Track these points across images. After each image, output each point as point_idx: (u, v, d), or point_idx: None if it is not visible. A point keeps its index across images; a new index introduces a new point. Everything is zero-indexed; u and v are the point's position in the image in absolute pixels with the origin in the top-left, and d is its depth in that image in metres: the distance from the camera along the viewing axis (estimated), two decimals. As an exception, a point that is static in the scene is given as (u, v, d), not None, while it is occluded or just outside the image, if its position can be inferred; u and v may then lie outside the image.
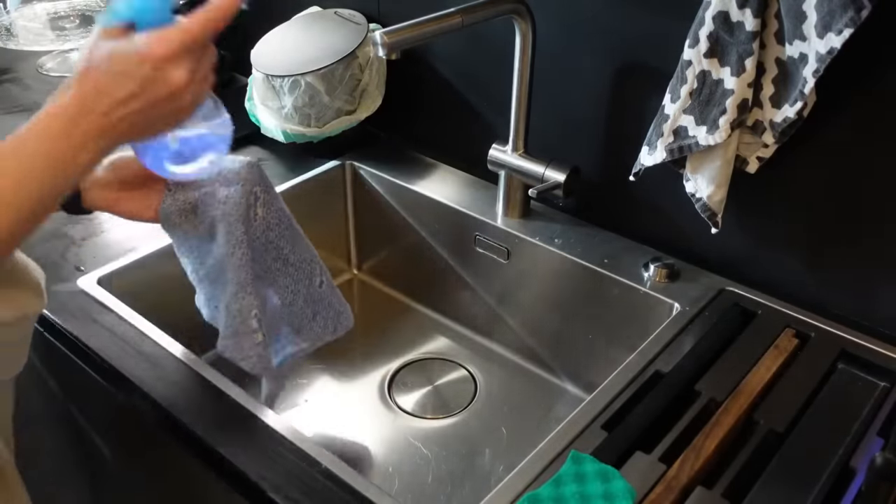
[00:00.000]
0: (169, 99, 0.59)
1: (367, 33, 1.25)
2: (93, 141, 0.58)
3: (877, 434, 0.81)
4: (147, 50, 0.57)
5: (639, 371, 0.88)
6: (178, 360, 0.89)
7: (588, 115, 1.10)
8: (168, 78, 0.58)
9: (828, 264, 0.97)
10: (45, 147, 0.57)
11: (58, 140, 0.57)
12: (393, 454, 1.03)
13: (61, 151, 0.57)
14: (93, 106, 0.57)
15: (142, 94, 0.58)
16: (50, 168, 0.57)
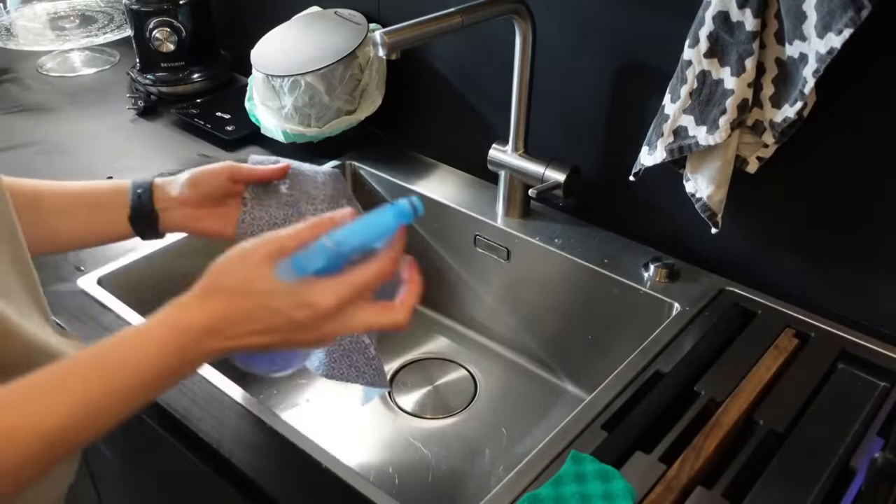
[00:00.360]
0: (305, 343, 0.57)
1: (367, 33, 1.25)
2: (205, 360, 0.56)
3: (877, 434, 0.81)
4: (314, 299, 0.54)
5: (639, 371, 0.88)
6: (178, 360, 0.89)
7: (588, 115, 1.10)
8: (320, 327, 0.55)
9: (828, 264, 0.97)
10: (153, 363, 0.54)
11: (170, 356, 0.54)
12: (393, 454, 1.03)
13: (170, 367, 0.54)
14: (225, 329, 0.54)
15: (285, 333, 0.55)
16: (149, 384, 0.54)
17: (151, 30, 1.41)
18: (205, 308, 0.55)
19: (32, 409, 0.49)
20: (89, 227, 0.78)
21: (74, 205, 0.77)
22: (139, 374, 0.54)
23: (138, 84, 1.47)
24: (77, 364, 0.53)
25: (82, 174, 1.25)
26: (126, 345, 0.54)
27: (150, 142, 1.37)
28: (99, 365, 0.53)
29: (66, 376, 0.52)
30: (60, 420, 0.50)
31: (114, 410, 0.53)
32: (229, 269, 0.56)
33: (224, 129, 1.36)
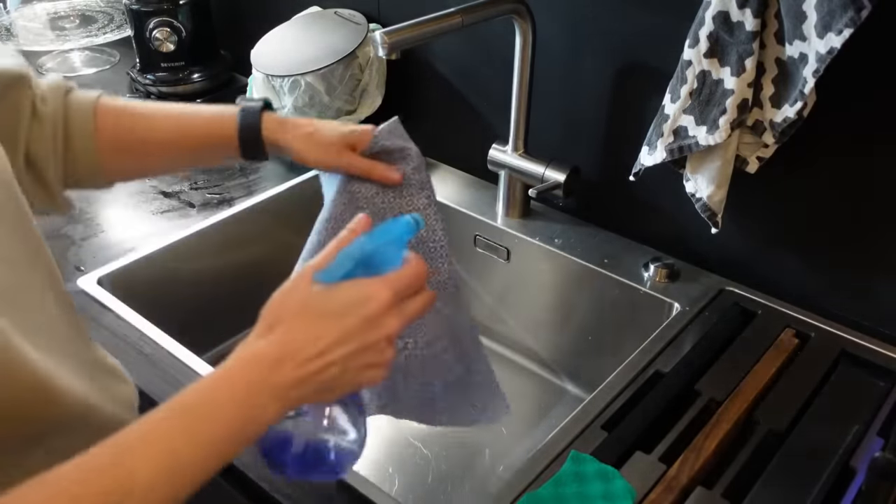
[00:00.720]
0: (374, 348, 0.54)
1: (367, 33, 1.25)
2: (282, 398, 0.52)
3: (877, 434, 0.81)
4: (370, 290, 0.54)
5: (639, 371, 0.88)
6: (178, 359, 0.89)
7: (588, 115, 1.10)
8: (382, 323, 0.54)
9: (828, 264, 0.97)
10: (227, 403, 0.51)
11: (242, 393, 0.51)
12: (393, 454, 1.03)
13: (246, 404, 0.51)
14: (295, 354, 0.52)
15: (357, 335, 0.53)
16: (229, 427, 0.51)
17: (151, 30, 1.41)
18: (270, 339, 0.53)
19: (122, 471, 0.46)
20: (198, 162, 0.83)
21: (180, 147, 0.77)
22: (217, 417, 0.50)
23: (138, 84, 1.47)
24: (159, 418, 0.50)
25: (82, 174, 1.25)
26: (200, 387, 0.51)
27: (150, 142, 1.37)
28: (178, 414, 0.50)
29: (149, 432, 0.49)
30: (149, 476, 0.47)
31: (199, 463, 0.50)
32: (284, 300, 0.55)
33: (224, 129, 1.36)
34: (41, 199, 0.70)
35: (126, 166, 0.76)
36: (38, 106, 0.68)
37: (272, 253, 1.23)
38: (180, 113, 0.77)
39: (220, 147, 0.77)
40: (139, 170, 0.80)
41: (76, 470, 0.46)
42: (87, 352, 0.64)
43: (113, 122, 0.73)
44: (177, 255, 1.10)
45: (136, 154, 0.76)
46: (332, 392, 0.55)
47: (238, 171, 1.28)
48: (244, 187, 1.24)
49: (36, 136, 0.68)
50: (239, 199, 1.20)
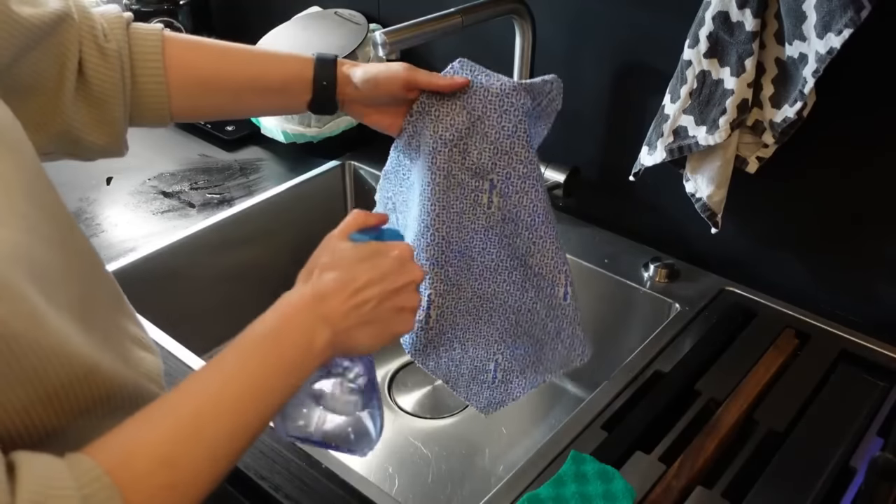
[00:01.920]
0: (401, 291, 0.61)
1: (367, 33, 1.25)
2: (330, 326, 0.57)
3: (877, 434, 0.81)
4: (389, 247, 0.62)
5: (639, 371, 0.88)
6: (178, 359, 0.89)
7: (588, 115, 1.10)
8: (406, 269, 0.62)
9: (827, 264, 0.97)
10: (276, 337, 0.56)
11: (288, 326, 0.57)
12: (393, 454, 1.03)
13: (294, 343, 0.56)
14: (333, 294, 0.58)
15: (382, 279, 0.60)
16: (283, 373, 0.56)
17: (151, 30, 1.41)
18: (310, 283, 0.59)
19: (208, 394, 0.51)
20: (264, 109, 0.82)
21: (254, 92, 0.76)
22: (280, 347, 0.55)
23: (138, 84, 1.47)
24: (229, 355, 0.54)
25: (81, 173, 1.26)
26: (257, 327, 0.56)
27: (149, 142, 1.37)
28: (245, 351, 0.55)
29: (179, 398, 0.52)
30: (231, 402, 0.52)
31: (269, 392, 0.54)
32: (319, 254, 0.62)
33: (224, 129, 1.36)
34: (103, 141, 0.69)
35: (194, 105, 0.74)
36: (101, 43, 0.65)
37: (272, 253, 1.23)
38: (252, 53, 0.75)
39: (294, 93, 0.75)
40: (207, 109, 0.77)
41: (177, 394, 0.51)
42: (120, 325, 0.64)
43: (183, 57, 0.71)
44: (177, 255, 1.10)
45: (207, 92, 0.73)
46: (372, 326, 0.60)
47: (238, 170, 1.28)
48: (244, 187, 1.24)
49: (102, 74, 0.65)
50: (239, 199, 1.20)
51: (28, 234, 0.48)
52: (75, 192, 1.22)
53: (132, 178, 1.26)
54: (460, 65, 0.77)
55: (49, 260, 0.50)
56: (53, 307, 0.48)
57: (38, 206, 0.51)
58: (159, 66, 0.69)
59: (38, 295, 0.47)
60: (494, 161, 0.75)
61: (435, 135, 0.75)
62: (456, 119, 0.75)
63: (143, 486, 0.47)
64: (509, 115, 0.74)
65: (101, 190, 1.23)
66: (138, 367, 0.62)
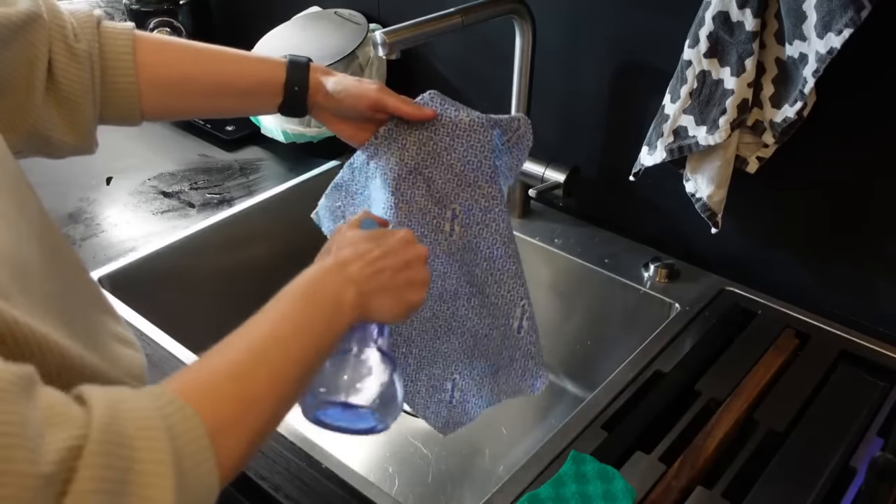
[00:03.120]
0: (411, 265, 0.66)
1: (367, 33, 1.25)
2: (355, 286, 0.61)
3: (877, 434, 0.81)
4: (392, 231, 0.68)
5: (639, 371, 0.88)
6: (178, 359, 0.89)
7: (588, 114, 1.10)
8: (410, 247, 0.67)
9: (827, 264, 0.97)
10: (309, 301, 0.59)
11: (321, 291, 0.60)
12: (393, 454, 1.03)
13: (325, 298, 0.60)
14: (352, 261, 0.63)
15: (391, 254, 0.65)
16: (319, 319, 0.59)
17: (151, 30, 1.41)
18: (328, 258, 0.64)
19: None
20: (236, 110, 0.81)
21: (225, 93, 0.76)
22: (295, 314, 0.58)
23: (138, 84, 1.47)
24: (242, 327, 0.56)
25: (81, 174, 1.26)
26: (280, 295, 0.59)
27: (149, 142, 1.37)
28: (259, 319, 0.57)
29: (232, 337, 0.55)
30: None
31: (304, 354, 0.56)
32: (334, 238, 0.67)
33: (224, 129, 1.36)
34: (73, 140, 0.68)
35: (164, 104, 0.74)
36: (70, 43, 0.65)
37: (272, 253, 1.23)
38: (224, 55, 0.76)
39: (264, 95, 0.76)
40: (178, 109, 0.77)
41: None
42: (100, 322, 0.64)
43: (154, 57, 0.71)
44: (177, 255, 1.10)
45: (178, 93, 0.73)
46: (390, 294, 0.64)
47: (238, 170, 1.28)
48: (244, 187, 1.24)
49: (72, 74, 0.65)
50: (239, 199, 1.20)
51: (8, 232, 0.48)
52: (75, 192, 1.22)
53: (132, 178, 1.26)
54: (430, 97, 0.78)
55: (28, 258, 0.50)
56: (36, 305, 0.48)
57: (16, 205, 0.51)
58: (130, 65, 0.69)
59: (20, 293, 0.47)
60: (457, 192, 0.77)
61: (401, 162, 0.76)
62: (422, 149, 0.77)
63: (214, 400, 0.49)
64: (475, 150, 0.77)
65: (101, 190, 1.23)
66: (120, 363, 0.62)
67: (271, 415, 0.53)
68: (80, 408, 0.42)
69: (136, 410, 0.44)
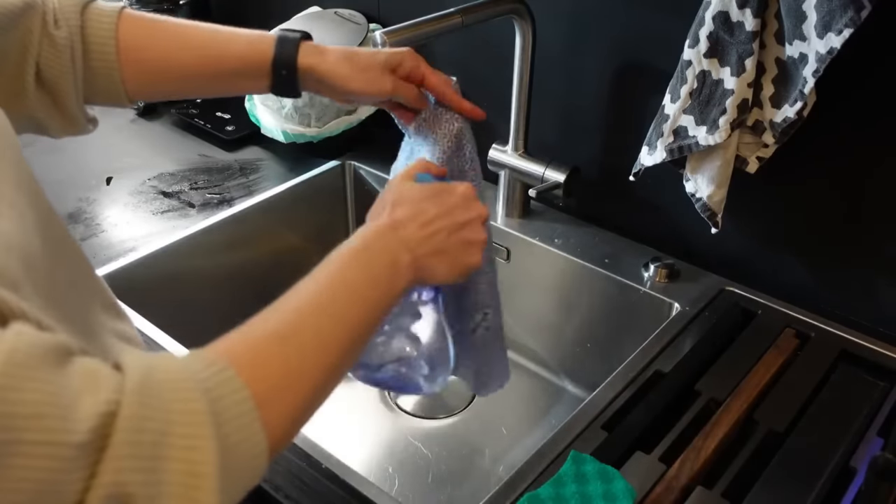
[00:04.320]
0: (468, 225, 0.64)
1: (367, 33, 1.25)
2: (410, 251, 0.60)
3: (877, 434, 0.81)
4: (451, 185, 0.66)
5: (639, 371, 0.88)
6: (178, 360, 0.89)
7: (588, 115, 1.10)
8: (471, 206, 0.65)
9: (828, 264, 0.97)
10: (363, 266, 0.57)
11: (376, 255, 0.59)
12: (393, 454, 1.03)
13: (380, 263, 0.58)
14: (406, 222, 0.61)
15: (449, 214, 0.63)
16: (373, 285, 0.57)
17: (151, 30, 1.41)
18: (384, 217, 0.62)
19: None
20: (225, 92, 0.80)
21: (211, 76, 0.75)
22: (347, 280, 0.56)
23: (138, 84, 1.47)
24: (290, 292, 0.55)
25: (81, 174, 1.26)
26: (334, 255, 0.57)
27: (149, 142, 1.37)
28: (308, 284, 0.55)
29: (279, 302, 0.53)
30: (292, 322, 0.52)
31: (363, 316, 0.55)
32: (386, 194, 0.64)
33: (224, 129, 1.36)
34: (61, 125, 0.69)
35: (148, 87, 0.73)
36: (49, 30, 0.65)
37: (272, 253, 1.23)
38: (211, 36, 0.74)
39: (252, 77, 0.75)
40: (164, 92, 0.77)
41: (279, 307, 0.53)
42: (101, 317, 0.63)
43: (138, 42, 0.70)
44: (177, 255, 1.10)
45: (162, 78, 0.73)
46: (445, 256, 0.63)
47: (238, 171, 1.28)
48: (244, 187, 1.24)
49: (49, 61, 0.65)
50: (239, 199, 1.20)
51: (20, 222, 0.48)
52: (75, 192, 1.22)
53: (132, 178, 1.26)
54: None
55: (35, 250, 0.50)
56: (41, 299, 0.48)
57: (25, 196, 0.51)
58: (112, 52, 0.68)
59: (30, 285, 0.47)
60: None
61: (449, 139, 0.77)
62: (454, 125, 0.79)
63: (260, 363, 0.47)
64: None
65: (101, 190, 1.23)
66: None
67: (322, 382, 0.51)
68: (115, 372, 0.42)
69: (172, 373, 0.43)
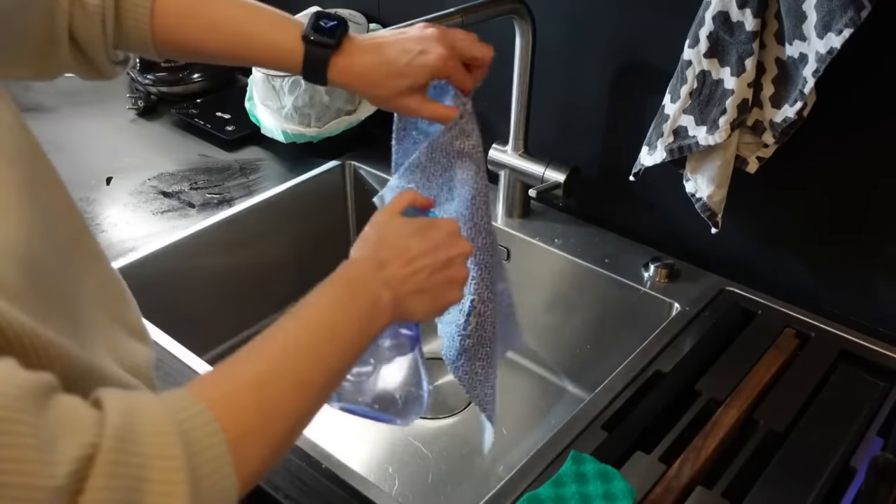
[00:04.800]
0: (452, 263, 0.65)
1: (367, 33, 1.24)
2: (391, 290, 0.60)
3: (877, 434, 0.81)
4: (437, 222, 0.67)
5: (639, 371, 0.88)
6: (178, 360, 0.89)
7: (588, 115, 1.10)
8: (455, 243, 0.66)
9: (828, 264, 0.97)
10: (334, 304, 0.58)
11: (347, 291, 0.59)
12: (393, 454, 1.03)
13: (360, 301, 0.59)
14: (388, 261, 0.61)
15: (433, 251, 0.63)
16: (352, 324, 0.58)
17: (151, 30, 1.41)
18: (368, 253, 0.62)
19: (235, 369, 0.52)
20: (249, 65, 0.83)
21: (241, 61, 0.76)
22: (327, 319, 0.56)
23: (138, 84, 1.47)
24: (271, 330, 0.55)
25: (82, 174, 1.26)
26: (320, 294, 0.58)
27: (149, 142, 1.37)
28: (289, 322, 0.55)
29: (259, 341, 0.53)
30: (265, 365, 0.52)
31: (338, 358, 0.56)
32: (369, 232, 0.65)
33: (224, 129, 1.36)
34: (89, 74, 0.71)
35: (179, 54, 0.75)
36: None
37: (272, 253, 1.23)
38: (243, 27, 0.74)
39: (283, 63, 0.75)
40: (193, 58, 0.78)
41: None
42: (114, 314, 0.64)
43: (171, 24, 0.71)
44: (177, 255, 1.10)
45: (192, 47, 0.73)
46: (426, 295, 0.63)
47: (238, 170, 1.28)
48: (244, 187, 1.24)
49: (80, 24, 0.66)
50: (239, 199, 1.20)
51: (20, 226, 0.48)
52: (75, 192, 1.21)
53: (132, 178, 1.26)
54: None
55: (42, 252, 0.50)
56: (47, 303, 0.48)
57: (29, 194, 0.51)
58: (146, 21, 0.69)
59: (33, 293, 0.47)
60: None
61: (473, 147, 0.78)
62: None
63: (235, 407, 0.48)
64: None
65: (101, 190, 1.23)
66: (125, 359, 0.62)
67: (295, 423, 0.52)
68: (96, 413, 0.42)
69: (152, 416, 0.44)
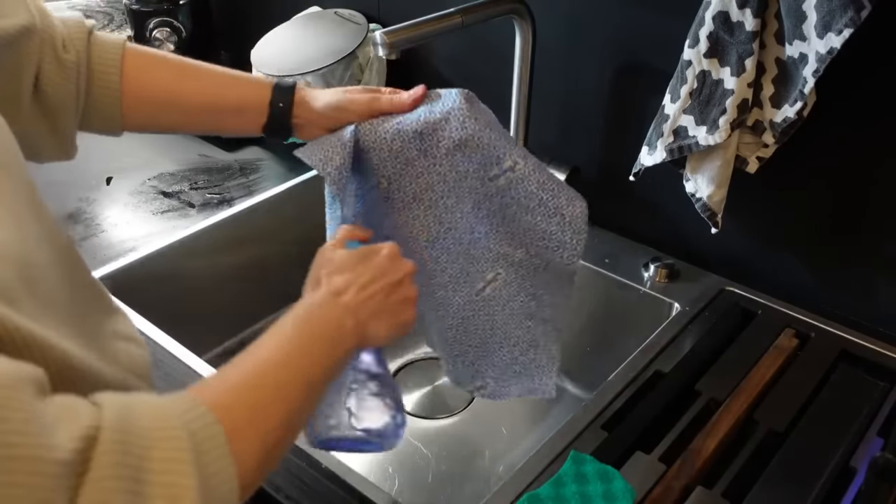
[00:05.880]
0: (402, 283, 0.66)
1: (367, 33, 1.25)
2: (352, 315, 0.61)
3: (877, 434, 0.81)
4: (378, 246, 0.68)
5: (639, 371, 0.88)
6: (178, 359, 0.89)
7: (588, 114, 1.10)
8: (398, 265, 0.67)
9: (828, 264, 0.97)
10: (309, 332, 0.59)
11: (321, 321, 0.60)
12: (393, 454, 1.03)
13: (325, 329, 0.60)
14: (344, 289, 0.63)
15: (383, 275, 0.65)
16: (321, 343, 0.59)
17: (151, 30, 1.41)
18: (320, 288, 0.63)
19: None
20: (219, 129, 0.82)
21: (209, 112, 0.77)
22: (309, 347, 0.58)
23: (138, 84, 1.47)
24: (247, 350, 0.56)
25: (81, 174, 1.26)
26: (280, 333, 0.58)
27: (149, 142, 1.37)
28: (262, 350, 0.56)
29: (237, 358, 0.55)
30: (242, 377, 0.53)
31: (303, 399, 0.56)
32: (319, 265, 0.66)
33: (224, 129, 1.36)
34: (52, 147, 0.69)
35: (146, 121, 0.75)
36: (59, 54, 0.66)
37: (272, 253, 1.23)
38: (212, 76, 0.76)
39: (247, 117, 0.77)
40: (159, 125, 0.79)
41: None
42: (103, 320, 0.64)
43: (141, 74, 0.71)
44: (177, 255, 1.10)
45: (161, 111, 0.74)
46: (384, 317, 0.64)
47: (238, 170, 1.28)
48: (244, 187, 1.24)
49: (57, 84, 0.66)
50: (239, 199, 1.20)
51: (18, 232, 0.49)
52: (75, 192, 1.22)
53: (132, 178, 1.26)
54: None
55: (38, 259, 0.50)
56: (43, 307, 0.49)
57: (28, 205, 0.51)
58: (116, 80, 0.70)
59: (29, 295, 0.47)
60: None
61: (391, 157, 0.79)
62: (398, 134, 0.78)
63: (229, 405, 0.49)
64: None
65: (101, 190, 1.23)
66: (123, 361, 0.62)
67: (282, 422, 0.53)
68: (94, 406, 0.43)
69: (153, 409, 0.45)
